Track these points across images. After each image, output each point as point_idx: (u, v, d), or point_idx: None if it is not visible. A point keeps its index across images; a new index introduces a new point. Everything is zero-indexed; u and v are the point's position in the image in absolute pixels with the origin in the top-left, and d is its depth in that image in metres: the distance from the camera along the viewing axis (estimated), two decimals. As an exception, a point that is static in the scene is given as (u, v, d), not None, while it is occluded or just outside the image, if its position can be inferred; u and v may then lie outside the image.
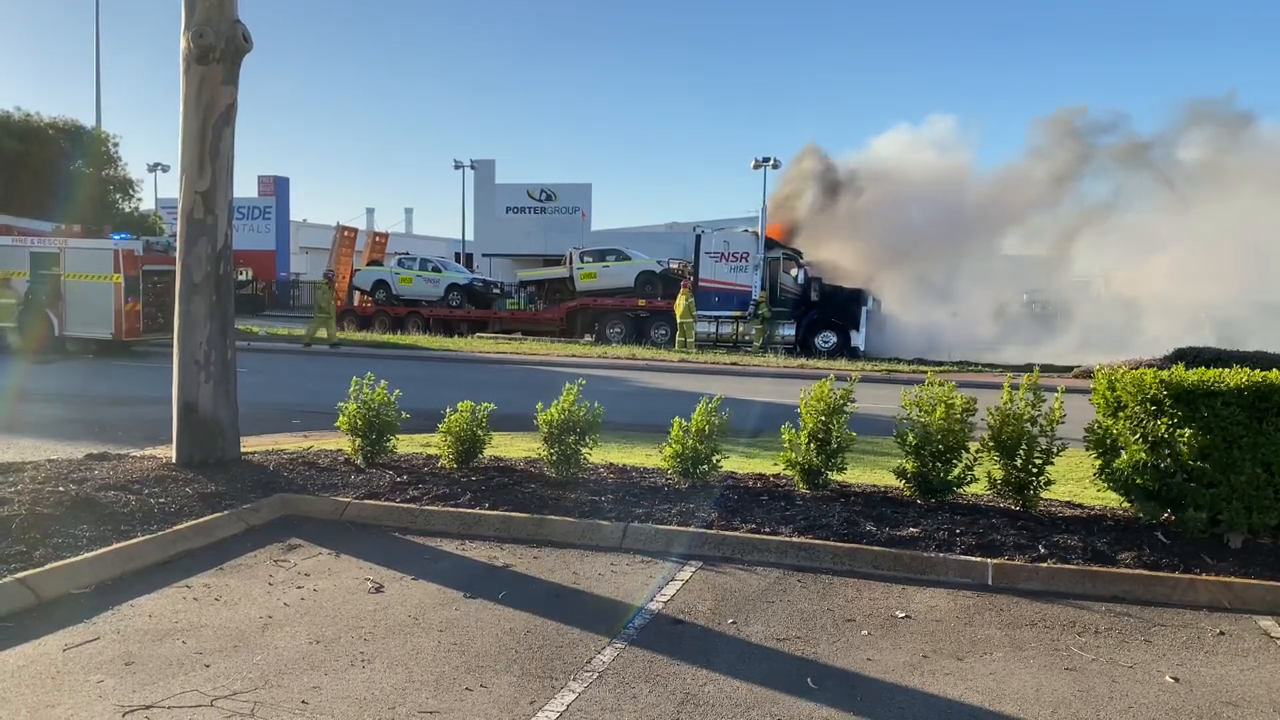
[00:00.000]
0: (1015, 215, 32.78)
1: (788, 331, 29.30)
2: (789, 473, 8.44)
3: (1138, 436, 7.22)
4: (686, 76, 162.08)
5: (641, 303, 31.02)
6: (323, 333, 26.52)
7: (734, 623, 5.64)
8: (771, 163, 36.58)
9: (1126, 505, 7.53)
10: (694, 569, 6.62)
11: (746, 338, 29.44)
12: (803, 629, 5.56)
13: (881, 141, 37.21)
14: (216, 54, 8.42)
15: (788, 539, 6.98)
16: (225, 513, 7.34)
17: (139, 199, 35.64)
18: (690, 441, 8.26)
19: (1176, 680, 4.95)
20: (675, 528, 7.21)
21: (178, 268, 8.70)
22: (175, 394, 8.69)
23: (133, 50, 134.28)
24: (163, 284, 22.20)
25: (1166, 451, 7.05)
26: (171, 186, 50.54)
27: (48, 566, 5.86)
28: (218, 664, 4.83)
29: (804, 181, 34.84)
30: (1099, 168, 32.49)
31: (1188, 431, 6.87)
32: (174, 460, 8.62)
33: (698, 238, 31.19)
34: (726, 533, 7.11)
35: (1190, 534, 6.96)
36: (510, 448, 10.06)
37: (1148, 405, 7.21)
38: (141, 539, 6.57)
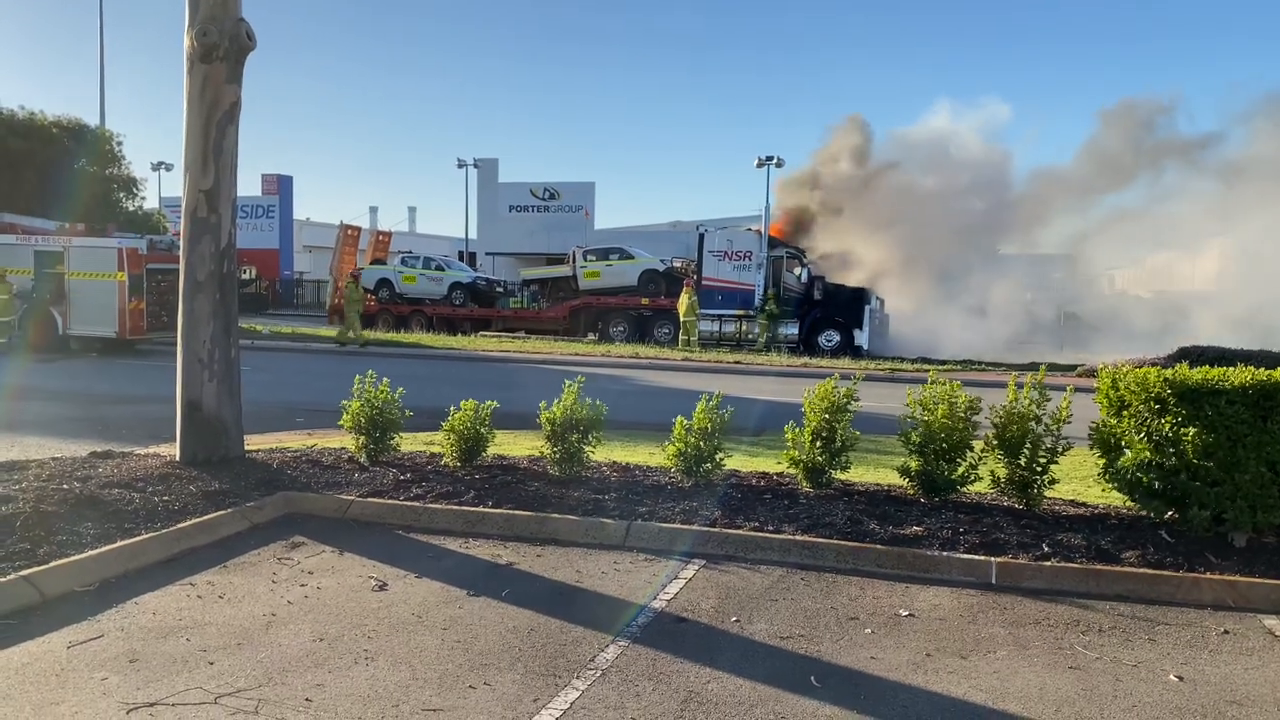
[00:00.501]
0: (1050, 212, 32.49)
1: (791, 330, 29.25)
2: (792, 471, 8.43)
3: (1142, 435, 7.21)
4: (689, 75, 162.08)
5: (645, 301, 31.02)
6: (346, 330, 26.49)
7: (737, 621, 5.63)
8: (775, 161, 36.38)
9: (1130, 504, 7.51)
10: (697, 567, 6.62)
11: (750, 336, 29.42)
12: (806, 627, 5.56)
13: (929, 123, 36.82)
14: (220, 52, 8.43)
15: (791, 537, 6.98)
16: (229, 510, 7.35)
17: (143, 198, 35.66)
18: (693, 439, 8.25)
19: (1181, 679, 4.94)
20: (679, 526, 7.20)
21: (181, 266, 8.70)
22: (179, 392, 8.70)
23: (136, 49, 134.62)
24: (166, 282, 22.23)
25: (1171, 450, 7.03)
26: (174, 185, 50.63)
27: (52, 564, 5.87)
28: (222, 661, 4.83)
29: (843, 157, 34.07)
30: (1159, 162, 32.01)
31: (1192, 430, 6.85)
32: (178, 458, 8.63)
33: (701, 236, 31.15)
34: (730, 531, 7.10)
35: (1194, 533, 6.94)
36: (514, 446, 10.06)
37: (1152, 404, 7.19)
38: (145, 537, 6.58)
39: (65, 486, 7.44)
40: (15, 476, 7.77)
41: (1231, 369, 6.99)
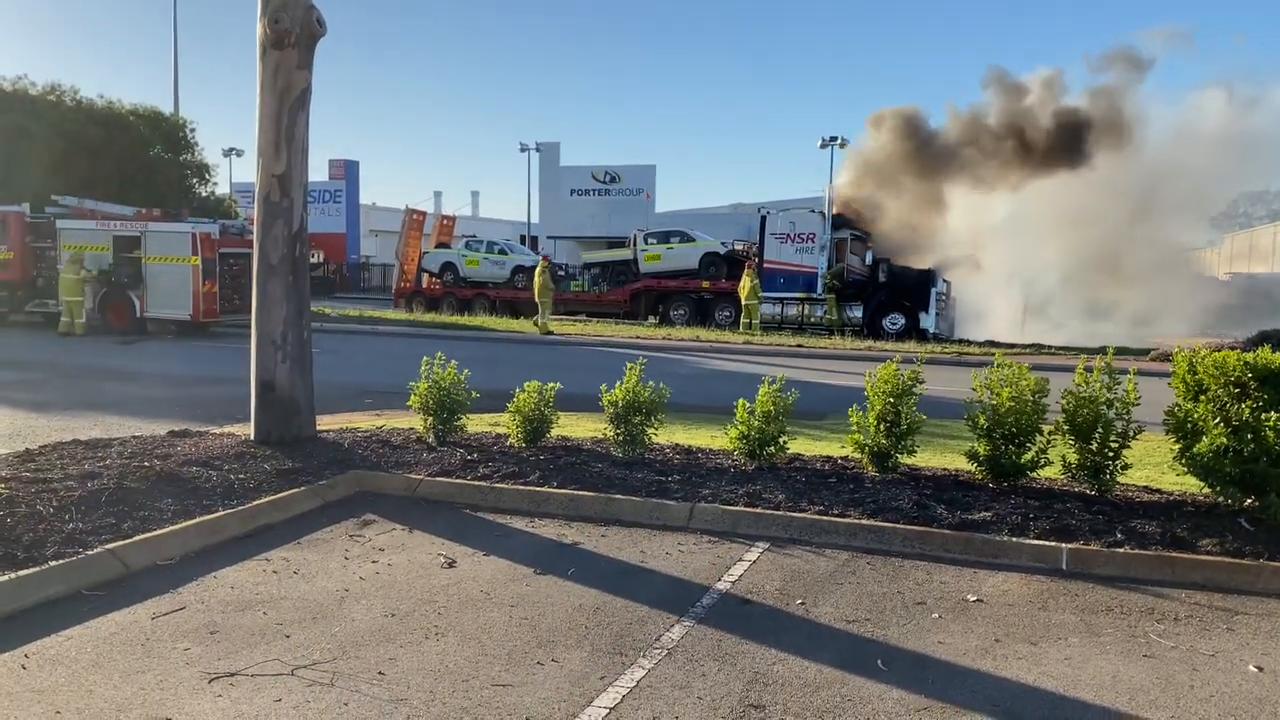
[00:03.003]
0: None
1: (855, 313, 28.95)
2: (857, 455, 8.37)
3: (1220, 420, 7.01)
4: (752, 57, 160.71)
5: (705, 284, 30.94)
6: (541, 319, 26.40)
7: (802, 603, 5.62)
8: (839, 141, 36.05)
9: (1207, 491, 7.33)
10: (761, 550, 6.61)
11: (812, 319, 29.17)
12: (872, 611, 5.53)
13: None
14: (291, 39, 8.57)
15: (856, 521, 6.93)
16: (302, 489, 7.53)
17: (214, 183, 36.59)
18: (755, 423, 8.23)
19: (1261, 669, 4.82)
20: (742, 508, 7.20)
21: (255, 250, 8.90)
22: (253, 373, 8.91)
23: (208, 36, 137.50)
24: (238, 266, 22.82)
25: (1250, 436, 6.83)
26: (245, 171, 51.73)
27: (136, 538, 6.08)
28: (297, 634, 4.97)
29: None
30: None
31: (1274, 415, 6.65)
32: (252, 437, 8.85)
33: (762, 218, 30.89)
34: (794, 514, 7.08)
35: (1274, 521, 6.74)
36: (577, 427, 10.14)
37: (1231, 388, 7.00)
38: (222, 513, 6.77)
39: (146, 464, 7.67)
40: (99, 454, 8.04)
41: (1317, 353, 6.77)
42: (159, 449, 8.37)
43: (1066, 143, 30.09)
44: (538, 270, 27.34)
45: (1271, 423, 6.65)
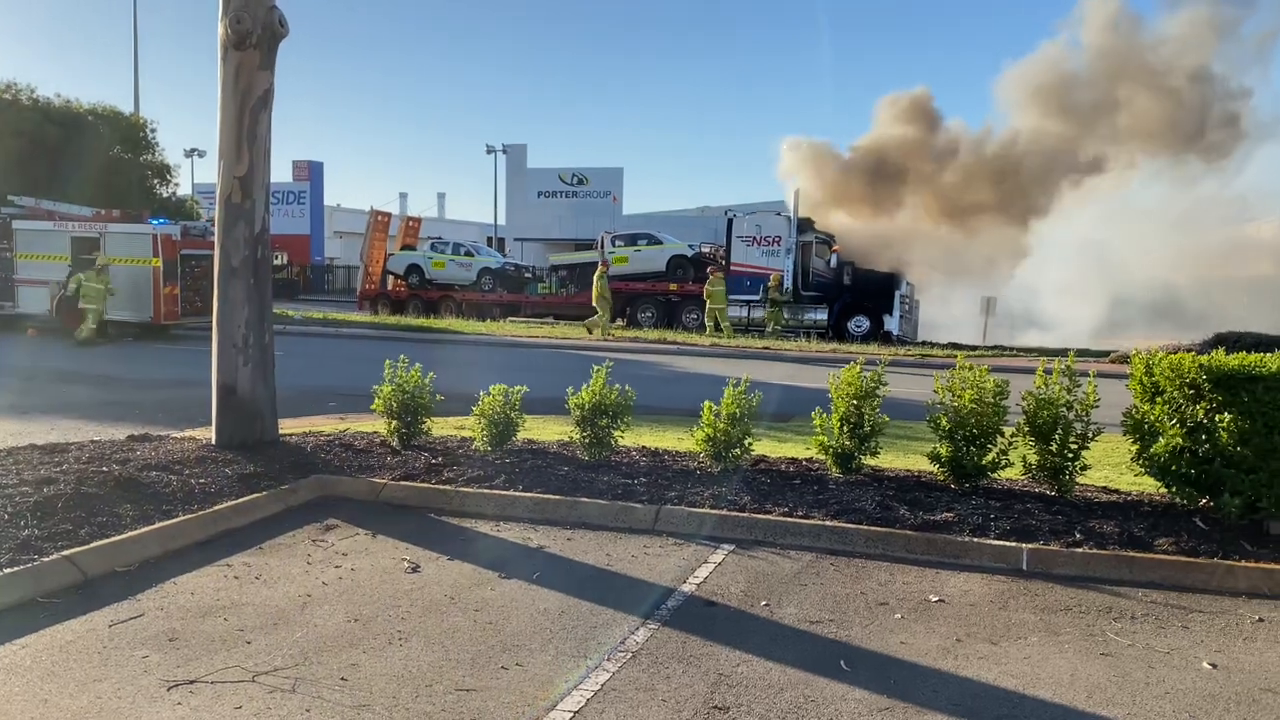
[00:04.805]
0: None
1: (820, 316, 29.12)
2: (821, 457, 8.43)
3: (1175, 421, 7.14)
4: (719, 59, 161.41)
5: (673, 287, 31.01)
6: (599, 321, 26.45)
7: (767, 605, 5.65)
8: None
9: (1163, 491, 7.45)
10: (726, 552, 6.64)
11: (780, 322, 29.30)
12: (835, 612, 5.57)
13: None
14: (253, 39, 8.49)
15: (820, 522, 6.98)
16: (264, 493, 7.45)
17: (176, 184, 36.10)
18: (721, 425, 8.26)
19: (1215, 666, 4.92)
20: (708, 510, 7.23)
21: (216, 252, 8.80)
22: (214, 376, 8.80)
23: (169, 36, 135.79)
24: (200, 268, 22.52)
25: (1204, 437, 6.96)
26: (207, 172, 51.24)
27: (93, 544, 5.98)
28: (259, 641, 4.92)
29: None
30: None
31: (1227, 417, 6.78)
32: (213, 442, 8.74)
33: (729, 221, 31.04)
34: (759, 516, 7.12)
35: (1228, 520, 6.88)
36: (543, 430, 10.12)
37: (1186, 390, 7.12)
38: (183, 519, 6.68)
39: (105, 469, 7.55)
40: (56, 459, 7.90)
41: (1269, 354, 6.90)
42: (118, 454, 8.24)
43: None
44: (596, 275, 27.43)
45: (1225, 424, 6.78)
